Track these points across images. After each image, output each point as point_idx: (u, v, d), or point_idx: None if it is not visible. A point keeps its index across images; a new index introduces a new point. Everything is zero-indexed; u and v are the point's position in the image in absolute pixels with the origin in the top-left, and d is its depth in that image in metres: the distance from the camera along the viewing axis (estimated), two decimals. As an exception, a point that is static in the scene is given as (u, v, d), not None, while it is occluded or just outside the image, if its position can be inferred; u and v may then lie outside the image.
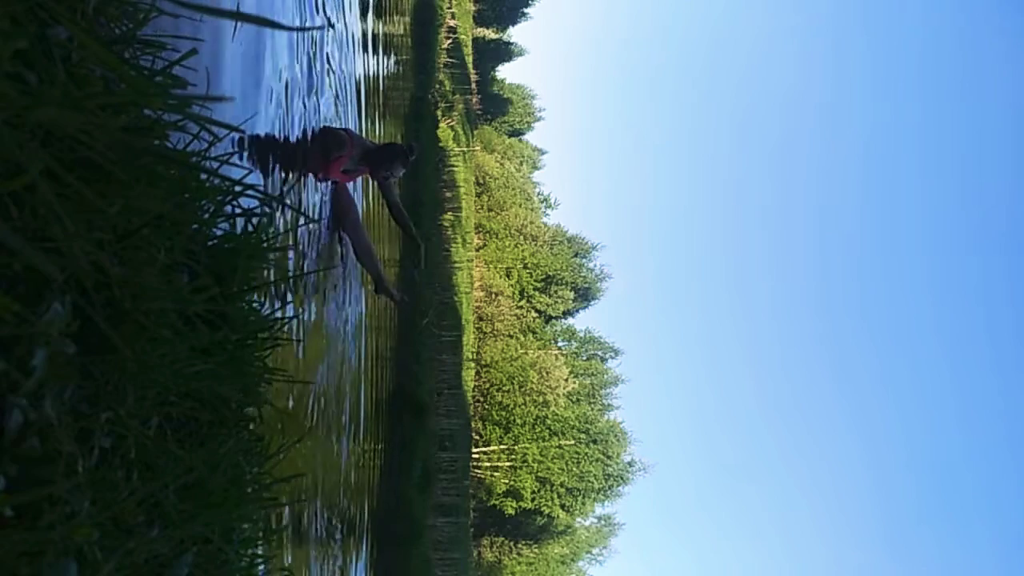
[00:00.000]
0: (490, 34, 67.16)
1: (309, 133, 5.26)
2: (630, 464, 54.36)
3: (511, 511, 50.49)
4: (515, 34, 73.57)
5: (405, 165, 6.03)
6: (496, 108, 69.84)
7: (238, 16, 0.95)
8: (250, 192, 1.78)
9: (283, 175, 4.51)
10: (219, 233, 1.90)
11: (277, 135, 4.41)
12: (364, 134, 8.48)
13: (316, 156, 5.34)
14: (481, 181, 57.10)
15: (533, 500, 50.05)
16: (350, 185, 6.31)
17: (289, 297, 4.46)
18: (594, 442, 51.58)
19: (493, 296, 52.58)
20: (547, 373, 51.16)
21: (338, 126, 6.14)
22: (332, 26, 6.50)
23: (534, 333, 54.88)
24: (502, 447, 49.54)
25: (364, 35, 9.03)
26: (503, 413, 49.63)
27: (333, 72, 6.40)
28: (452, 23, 42.10)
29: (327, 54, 6.19)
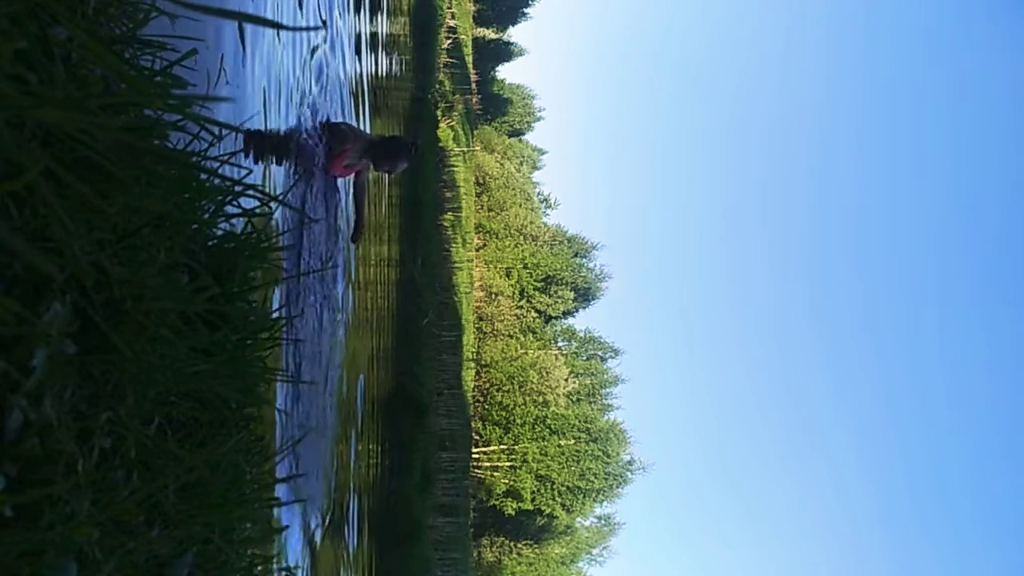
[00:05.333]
0: (490, 34, 67.17)
1: (310, 130, 5.26)
2: (630, 463, 54.38)
3: (511, 511, 50.49)
4: (515, 34, 73.63)
5: (408, 160, 6.06)
6: (496, 108, 69.86)
7: (238, 16, 0.95)
8: (250, 192, 1.78)
9: (284, 174, 4.51)
10: (219, 233, 1.90)
11: (278, 135, 4.41)
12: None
13: (318, 152, 5.35)
14: (481, 181, 57.12)
15: (533, 500, 50.06)
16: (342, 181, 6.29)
17: (289, 297, 4.47)
18: (594, 441, 51.61)
19: (493, 296, 52.60)
20: (547, 373, 51.17)
21: (339, 120, 6.15)
22: (332, 26, 6.50)
23: (534, 333, 54.89)
24: (502, 447, 49.55)
25: (364, 35, 9.03)
26: (503, 413, 49.63)
27: (333, 72, 6.40)
28: (452, 23, 42.11)
29: (327, 54, 6.19)
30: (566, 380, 52.67)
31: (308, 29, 5.71)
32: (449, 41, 40.47)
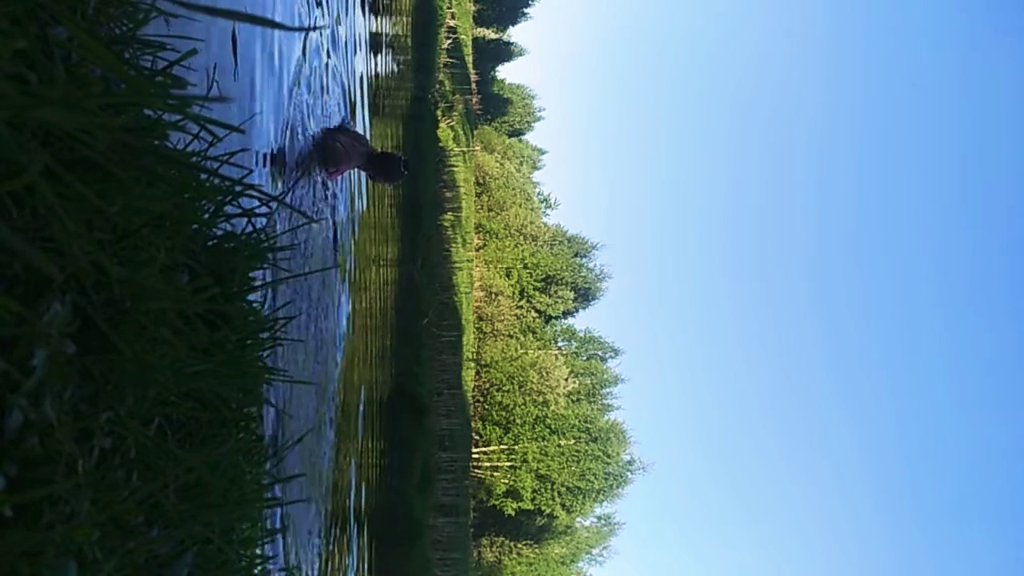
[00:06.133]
0: (490, 34, 67.19)
1: (310, 134, 5.26)
2: (629, 463, 54.41)
3: (511, 511, 50.50)
4: (515, 34, 73.69)
5: (401, 177, 6.25)
6: (496, 108, 69.89)
7: (238, 16, 0.95)
8: (250, 192, 1.78)
9: (284, 175, 4.51)
10: (219, 233, 1.90)
11: (278, 135, 4.41)
12: (367, 135, 8.48)
13: (316, 160, 5.37)
14: (481, 181, 57.13)
15: (533, 500, 50.09)
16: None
17: (289, 296, 4.46)
18: (594, 440, 51.64)
19: (493, 296, 52.61)
20: (547, 373, 51.19)
21: (338, 125, 6.17)
22: (333, 26, 6.50)
23: (534, 333, 54.91)
24: (502, 447, 49.57)
25: (365, 35, 9.03)
26: (503, 413, 49.65)
27: (334, 72, 6.40)
28: (452, 23, 42.14)
29: (328, 54, 6.19)
30: (566, 380, 52.69)
31: (308, 29, 5.71)
32: (449, 41, 40.50)
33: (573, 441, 50.55)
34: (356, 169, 6.06)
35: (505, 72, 73.70)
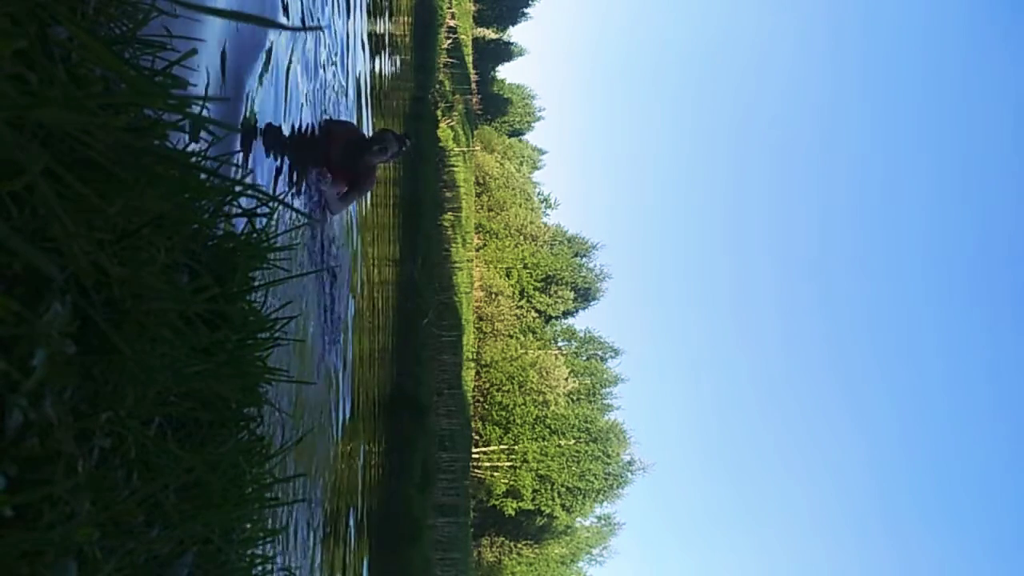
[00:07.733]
0: (490, 34, 67.22)
1: (310, 131, 5.27)
2: (630, 463, 54.41)
3: (511, 511, 50.51)
4: (515, 34, 73.73)
5: (400, 142, 5.90)
6: (496, 108, 69.92)
7: (238, 16, 0.95)
8: (250, 192, 1.78)
9: (283, 174, 4.51)
10: (219, 233, 1.90)
11: (277, 135, 4.41)
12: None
13: (316, 147, 5.35)
14: (481, 181, 57.15)
15: (533, 500, 50.09)
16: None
17: (289, 296, 4.46)
18: (594, 441, 51.64)
19: (493, 296, 52.62)
20: (547, 373, 51.21)
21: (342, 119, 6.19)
22: (332, 26, 6.50)
23: (534, 333, 54.92)
24: (502, 447, 49.58)
25: (364, 35, 9.03)
26: (503, 413, 49.66)
27: (333, 72, 6.40)
28: (452, 23, 42.16)
29: (327, 54, 6.20)
30: (566, 380, 52.70)
31: (308, 29, 5.71)
32: (449, 41, 40.52)
33: (573, 441, 50.55)
34: (348, 164, 5.85)
35: (505, 72, 73.79)
